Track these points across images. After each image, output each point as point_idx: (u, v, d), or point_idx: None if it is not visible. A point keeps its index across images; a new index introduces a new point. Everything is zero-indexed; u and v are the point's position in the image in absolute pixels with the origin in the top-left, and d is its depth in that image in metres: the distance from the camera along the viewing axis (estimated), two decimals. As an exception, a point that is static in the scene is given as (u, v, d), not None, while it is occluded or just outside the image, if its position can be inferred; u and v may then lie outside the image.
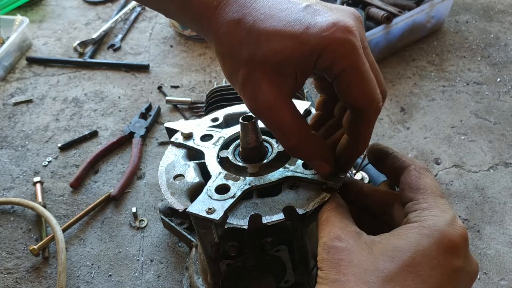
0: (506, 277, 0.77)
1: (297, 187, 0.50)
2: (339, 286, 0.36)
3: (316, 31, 0.39)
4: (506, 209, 0.87)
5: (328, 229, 0.41)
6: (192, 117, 1.11)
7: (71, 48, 1.35)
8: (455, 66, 1.21)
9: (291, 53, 0.40)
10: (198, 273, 0.73)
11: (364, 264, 0.37)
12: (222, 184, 0.51)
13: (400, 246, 0.37)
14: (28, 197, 0.95)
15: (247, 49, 0.41)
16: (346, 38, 0.39)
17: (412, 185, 0.42)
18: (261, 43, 0.40)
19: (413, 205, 0.41)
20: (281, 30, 0.40)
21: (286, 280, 0.57)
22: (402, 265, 0.36)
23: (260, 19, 0.41)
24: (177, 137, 0.61)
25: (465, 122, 1.05)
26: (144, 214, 0.91)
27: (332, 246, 0.39)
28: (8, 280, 0.82)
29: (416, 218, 0.39)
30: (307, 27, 0.39)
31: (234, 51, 0.42)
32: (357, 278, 0.36)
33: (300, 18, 0.40)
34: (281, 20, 0.40)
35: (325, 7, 0.41)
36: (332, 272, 0.38)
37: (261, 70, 0.41)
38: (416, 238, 0.37)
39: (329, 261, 0.38)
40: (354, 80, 0.41)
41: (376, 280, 0.36)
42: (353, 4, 1.24)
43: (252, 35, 0.40)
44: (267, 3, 0.41)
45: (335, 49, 0.39)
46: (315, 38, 0.39)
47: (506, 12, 1.38)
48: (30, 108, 1.17)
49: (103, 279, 0.81)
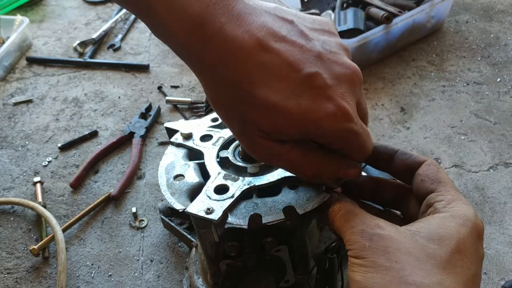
0: (506, 277, 0.77)
1: (297, 187, 0.50)
2: (394, 273, 0.36)
3: (314, 118, 0.39)
4: (506, 209, 0.87)
5: (360, 219, 0.41)
6: (192, 117, 1.11)
7: (71, 48, 1.35)
8: (455, 66, 1.21)
9: (283, 128, 0.40)
10: (198, 273, 0.73)
11: (414, 252, 0.37)
12: (221, 184, 0.51)
13: (444, 234, 0.38)
14: (28, 197, 0.95)
15: (239, 108, 0.40)
16: (344, 127, 0.40)
17: (433, 177, 0.43)
18: (253, 109, 0.39)
19: (437, 196, 0.42)
20: (278, 104, 0.38)
21: (286, 280, 0.57)
22: (450, 252, 0.37)
23: (255, 83, 0.38)
24: (177, 137, 0.61)
25: (465, 122, 1.05)
26: (144, 214, 0.91)
27: (374, 234, 0.38)
28: (8, 280, 0.82)
29: (445, 208, 0.40)
30: (305, 111, 0.39)
31: (226, 103, 0.41)
32: (412, 266, 0.36)
33: (298, 95, 0.39)
34: (278, 91, 0.38)
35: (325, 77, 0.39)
36: (382, 260, 0.37)
37: (253, 129, 0.41)
38: (455, 227, 0.38)
39: (375, 249, 0.37)
40: (353, 151, 0.43)
41: (432, 267, 0.36)
42: (353, 4, 1.24)
43: (245, 98, 0.39)
44: (262, 63, 0.38)
45: (332, 137, 0.41)
46: (312, 124, 0.39)
47: (506, 12, 1.38)
48: (30, 108, 1.17)
49: (103, 279, 0.81)
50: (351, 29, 1.16)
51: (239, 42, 0.38)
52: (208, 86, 0.41)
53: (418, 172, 0.45)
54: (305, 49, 0.40)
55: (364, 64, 1.18)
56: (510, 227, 0.84)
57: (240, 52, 0.38)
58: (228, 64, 0.38)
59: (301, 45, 0.40)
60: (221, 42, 0.38)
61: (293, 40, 0.40)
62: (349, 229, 0.41)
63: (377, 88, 1.15)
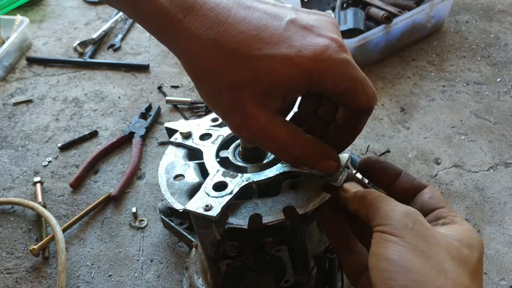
0: (506, 277, 0.77)
1: (297, 187, 0.50)
2: (435, 264, 0.36)
3: (311, 55, 0.38)
4: (506, 209, 0.87)
5: (399, 204, 0.40)
6: (192, 117, 1.11)
7: (71, 48, 1.35)
8: (455, 66, 1.21)
9: (283, 75, 0.38)
10: (198, 273, 0.73)
11: (450, 251, 0.37)
12: (219, 181, 0.50)
13: (473, 243, 0.39)
14: (28, 197, 0.95)
15: (230, 72, 0.38)
16: (343, 58, 0.39)
17: (440, 198, 0.45)
18: (247, 66, 0.38)
19: (449, 212, 0.43)
20: (270, 53, 0.38)
21: (286, 280, 0.57)
22: (478, 260, 0.38)
23: (242, 40, 0.38)
24: (176, 137, 0.61)
25: (465, 122, 1.05)
26: (144, 214, 0.91)
27: (417, 219, 0.38)
28: (8, 280, 0.82)
29: (463, 222, 0.41)
30: (300, 49, 0.38)
31: (212, 75, 0.39)
32: (450, 263, 0.36)
33: (287, 38, 0.38)
34: (266, 42, 0.38)
35: (307, 21, 0.40)
36: (424, 246, 0.36)
37: (247, 94, 0.39)
38: (478, 240, 0.40)
39: (418, 233, 0.37)
40: (359, 91, 0.42)
41: (464, 270, 0.36)
42: (353, 4, 1.24)
43: (235, 58, 0.38)
44: (243, 17, 0.38)
45: (336, 72, 0.39)
46: (311, 61, 0.38)
47: (506, 12, 1.38)
48: (30, 108, 1.17)
49: (103, 279, 0.81)
50: (351, 29, 1.16)
51: (217, 3, 0.38)
52: (192, 58, 0.40)
53: (425, 191, 0.46)
54: (280, 6, 0.41)
55: (364, 64, 1.18)
56: (510, 227, 0.84)
57: (221, 13, 0.38)
58: (212, 26, 0.38)
59: (276, 4, 0.41)
60: (201, 7, 0.38)
61: (269, 1, 0.41)
62: (389, 206, 0.40)
63: (377, 88, 1.15)
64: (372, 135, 1.03)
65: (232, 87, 0.39)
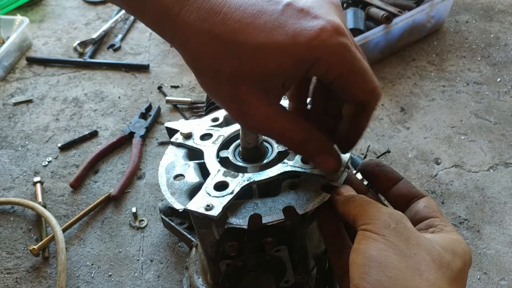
0: (506, 277, 0.77)
1: (297, 187, 0.50)
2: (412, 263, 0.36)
3: (305, 40, 0.37)
4: (506, 209, 0.87)
5: (385, 207, 0.41)
6: (192, 117, 1.11)
7: (71, 48, 1.35)
8: (455, 66, 1.21)
9: (279, 65, 0.38)
10: (198, 273, 0.73)
11: (432, 254, 0.38)
12: (220, 181, 0.50)
13: (457, 251, 0.39)
14: (28, 197, 0.95)
15: (227, 64, 0.38)
16: (338, 42, 0.37)
17: (435, 208, 0.46)
18: (243, 57, 0.37)
19: (441, 221, 0.44)
20: (264, 41, 0.37)
21: (286, 280, 0.57)
22: (460, 268, 0.38)
23: (237, 29, 0.37)
24: (177, 137, 0.61)
25: (465, 122, 1.05)
26: (144, 214, 0.91)
27: (401, 221, 0.39)
28: (8, 280, 0.82)
29: (453, 232, 0.42)
30: (293, 35, 0.37)
31: (211, 67, 0.39)
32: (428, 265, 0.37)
33: (282, 24, 0.37)
34: (261, 29, 0.37)
35: (305, 2, 0.38)
36: (403, 246, 0.37)
37: (246, 84, 0.39)
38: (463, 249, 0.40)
39: (399, 233, 0.38)
40: (353, 80, 0.40)
41: (443, 275, 0.37)
42: (353, 4, 1.24)
43: (232, 49, 0.37)
44: (239, 5, 0.37)
45: (329, 57, 0.38)
46: (304, 48, 0.37)
47: (506, 12, 1.38)
48: (30, 108, 1.17)
49: (103, 279, 0.81)
50: (351, 29, 1.16)
51: None
52: (190, 51, 0.39)
53: (421, 200, 0.46)
54: None
55: (364, 64, 1.18)
56: (510, 227, 0.84)
57: (216, 3, 0.37)
58: (207, 18, 0.37)
59: None
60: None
61: None
62: (375, 208, 0.41)
63: (377, 88, 1.15)
64: (372, 135, 1.03)
65: (230, 78, 0.39)
